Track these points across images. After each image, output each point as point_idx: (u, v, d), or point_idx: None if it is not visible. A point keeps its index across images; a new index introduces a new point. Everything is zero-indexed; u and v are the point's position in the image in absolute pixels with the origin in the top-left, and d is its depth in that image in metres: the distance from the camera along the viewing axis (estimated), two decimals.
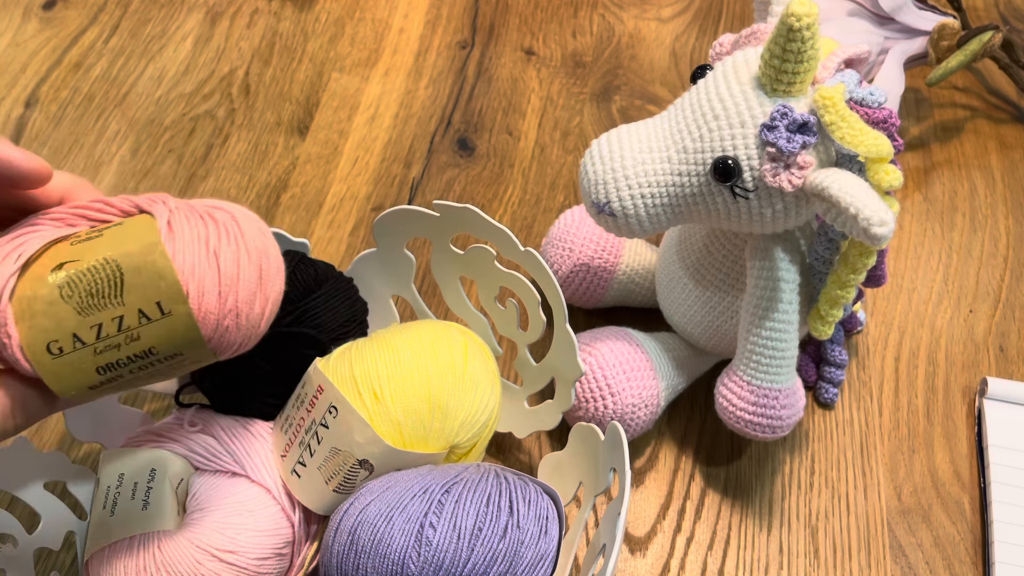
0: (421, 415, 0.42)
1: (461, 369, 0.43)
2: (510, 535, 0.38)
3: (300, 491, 0.43)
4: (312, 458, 0.42)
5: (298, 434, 0.43)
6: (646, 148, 0.41)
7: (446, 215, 0.47)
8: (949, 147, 0.67)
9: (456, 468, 0.42)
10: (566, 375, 0.45)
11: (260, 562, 0.41)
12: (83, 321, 0.31)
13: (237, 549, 0.40)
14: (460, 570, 0.37)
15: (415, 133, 0.65)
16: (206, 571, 0.39)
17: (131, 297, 0.31)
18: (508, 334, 0.49)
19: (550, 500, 0.41)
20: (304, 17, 0.72)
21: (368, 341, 0.44)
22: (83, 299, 0.31)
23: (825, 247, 0.44)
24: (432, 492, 0.39)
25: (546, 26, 0.73)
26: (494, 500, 0.39)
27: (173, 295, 0.31)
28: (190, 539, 0.40)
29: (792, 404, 0.46)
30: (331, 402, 0.41)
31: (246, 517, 0.41)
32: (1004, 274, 0.60)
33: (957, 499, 0.51)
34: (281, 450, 0.43)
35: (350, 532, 0.38)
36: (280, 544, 0.42)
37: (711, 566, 0.48)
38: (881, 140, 0.37)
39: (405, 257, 0.50)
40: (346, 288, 0.46)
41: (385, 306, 0.52)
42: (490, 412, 0.44)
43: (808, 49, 0.38)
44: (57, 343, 0.31)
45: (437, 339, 0.44)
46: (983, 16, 0.75)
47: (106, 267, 0.31)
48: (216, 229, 0.33)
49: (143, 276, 0.31)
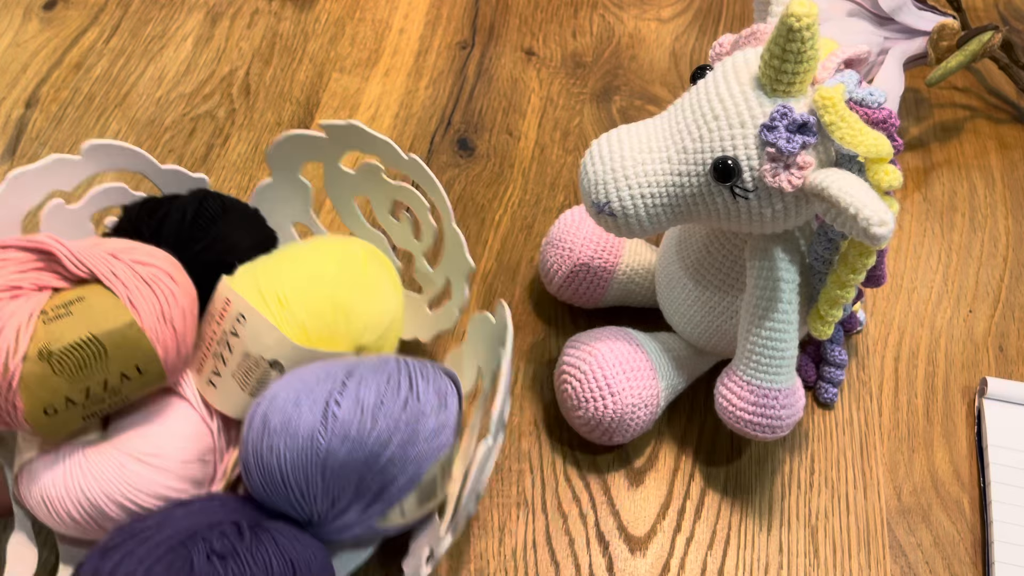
0: (325, 317, 0.44)
1: (361, 272, 0.46)
2: (411, 406, 0.41)
3: (217, 399, 0.45)
4: (226, 367, 0.44)
5: (211, 347, 0.45)
6: (646, 148, 0.41)
7: (332, 134, 0.49)
8: (949, 147, 0.67)
9: (358, 358, 0.44)
10: (458, 273, 0.48)
11: (183, 465, 0.43)
12: (73, 387, 0.38)
13: (160, 452, 0.42)
14: (366, 439, 0.40)
15: (415, 133, 0.65)
16: (130, 474, 0.41)
17: (114, 365, 0.39)
18: (405, 246, 0.52)
19: (449, 379, 0.43)
20: (304, 17, 0.72)
21: (271, 256, 0.47)
22: (72, 372, 0.38)
23: (825, 247, 0.44)
24: (336, 376, 0.41)
25: (546, 26, 0.73)
26: (394, 378, 0.42)
27: (149, 358, 0.40)
28: (114, 445, 0.42)
29: (792, 404, 0.46)
30: (239, 312, 0.44)
31: (166, 424, 0.43)
32: (1004, 274, 0.60)
33: (957, 499, 0.51)
34: (196, 366, 0.45)
35: (262, 418, 0.41)
36: (202, 449, 0.44)
37: (711, 566, 0.48)
38: (881, 140, 0.38)
39: (301, 184, 0.53)
40: (252, 216, 0.49)
41: (287, 234, 0.54)
42: (393, 314, 0.47)
43: (808, 49, 0.38)
44: (52, 406, 0.38)
45: (336, 247, 0.48)
46: (983, 16, 0.75)
47: (90, 344, 0.38)
48: (163, 295, 0.41)
49: (123, 349, 0.39)
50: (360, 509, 0.41)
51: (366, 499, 0.41)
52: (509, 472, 0.50)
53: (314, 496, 0.40)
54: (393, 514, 0.42)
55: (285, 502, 0.41)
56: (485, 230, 0.60)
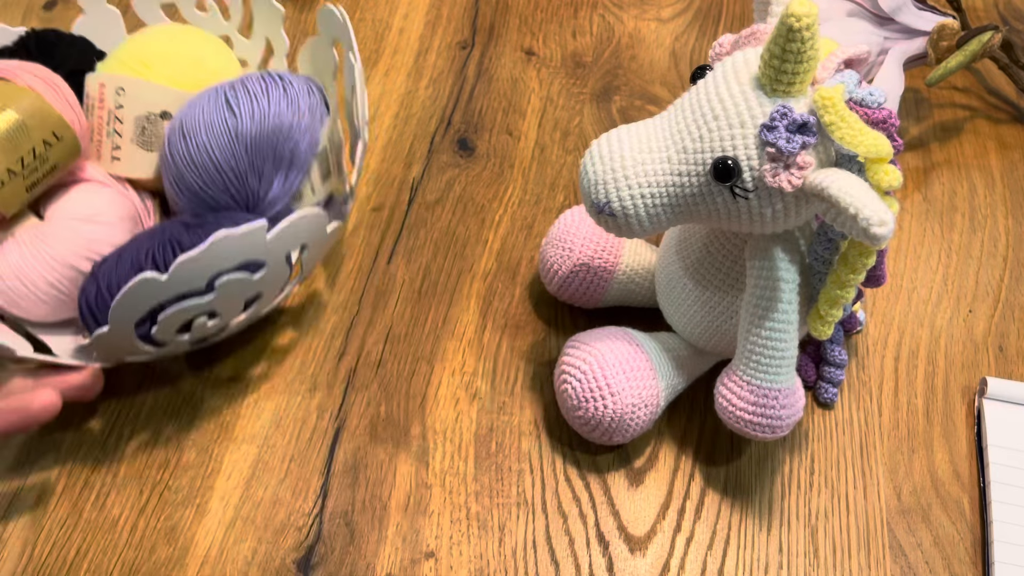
0: (185, 69, 0.54)
1: (199, 34, 0.57)
2: (289, 90, 0.51)
3: (126, 168, 0.53)
4: (122, 138, 0.53)
5: (101, 132, 0.53)
6: (646, 148, 0.41)
7: None
8: (948, 147, 0.67)
9: (231, 79, 0.53)
10: (273, 27, 0.59)
11: (122, 222, 0.51)
12: (10, 158, 0.47)
13: (99, 213, 0.51)
14: (267, 114, 0.50)
15: (415, 133, 0.65)
16: (85, 231, 0.50)
17: (35, 134, 0.48)
18: (220, 32, 0.60)
19: (303, 77, 0.54)
20: (304, 17, 0.72)
21: (118, 48, 0.55)
22: (4, 144, 0.47)
23: (825, 247, 0.44)
24: (222, 89, 0.51)
25: (546, 26, 0.73)
26: (267, 77, 0.52)
27: (61, 125, 0.49)
28: (60, 216, 0.50)
29: (792, 404, 0.46)
30: (117, 86, 0.52)
31: (93, 198, 0.51)
32: (1004, 274, 0.60)
33: (957, 499, 0.51)
34: (94, 155, 0.53)
35: (179, 132, 0.50)
36: (131, 212, 0.52)
37: (711, 566, 0.48)
38: (881, 140, 0.38)
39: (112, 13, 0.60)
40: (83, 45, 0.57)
41: None
42: (238, 69, 0.58)
43: (808, 49, 0.38)
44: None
45: (167, 27, 0.58)
46: (983, 16, 0.75)
47: (10, 120, 0.47)
48: (53, 83, 0.51)
49: (38, 119, 0.48)
50: (281, 181, 0.51)
51: (283, 167, 0.50)
52: (509, 472, 0.50)
53: (244, 173, 0.49)
54: (306, 191, 0.52)
55: (224, 192, 0.50)
56: (485, 230, 0.60)
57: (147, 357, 0.48)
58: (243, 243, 0.43)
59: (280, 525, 0.48)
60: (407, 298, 0.57)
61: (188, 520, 0.48)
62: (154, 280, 0.42)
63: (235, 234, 0.42)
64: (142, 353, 0.47)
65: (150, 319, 0.44)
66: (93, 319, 0.47)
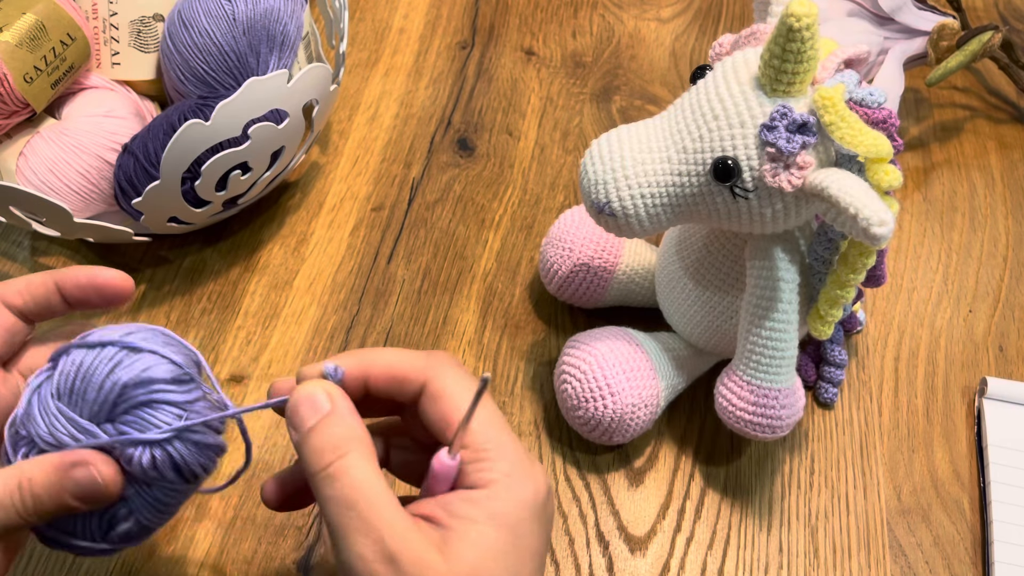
0: None
1: None
2: None
3: (128, 72, 0.57)
4: (119, 43, 0.57)
5: (98, 40, 0.56)
6: (646, 148, 0.41)
7: None
8: (949, 147, 0.67)
9: None
10: None
11: (131, 116, 0.55)
12: (35, 56, 0.52)
13: (113, 109, 0.55)
14: (258, 0, 0.54)
15: (415, 133, 0.65)
16: (105, 123, 0.54)
17: (53, 34, 0.53)
18: None
19: None
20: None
21: None
22: (29, 44, 0.51)
23: (825, 247, 0.44)
24: None
25: (546, 26, 0.73)
26: None
27: (74, 27, 0.54)
28: (78, 114, 0.55)
29: (792, 404, 0.46)
30: None
31: (103, 100, 0.56)
32: (1004, 274, 0.60)
33: (957, 499, 0.51)
34: (95, 64, 0.57)
35: (178, 22, 0.54)
36: (138, 108, 0.56)
37: (711, 566, 0.48)
38: (881, 140, 0.38)
39: None
40: None
41: None
42: None
43: (808, 49, 0.38)
44: (28, 75, 0.52)
45: None
46: (983, 16, 0.75)
47: (30, 21, 0.52)
48: None
49: (53, 20, 0.53)
50: (275, 61, 0.55)
51: (276, 48, 0.54)
52: None
53: (244, 54, 0.53)
54: (295, 73, 0.53)
55: (227, 73, 0.53)
56: (485, 230, 0.60)
57: (182, 228, 0.54)
58: (269, 89, 0.49)
59: (280, 525, 0.48)
60: (407, 298, 0.57)
61: (188, 520, 0.48)
62: (199, 125, 0.48)
63: (263, 79, 0.48)
64: (184, 214, 0.52)
65: (191, 175, 0.50)
66: (133, 189, 0.52)
